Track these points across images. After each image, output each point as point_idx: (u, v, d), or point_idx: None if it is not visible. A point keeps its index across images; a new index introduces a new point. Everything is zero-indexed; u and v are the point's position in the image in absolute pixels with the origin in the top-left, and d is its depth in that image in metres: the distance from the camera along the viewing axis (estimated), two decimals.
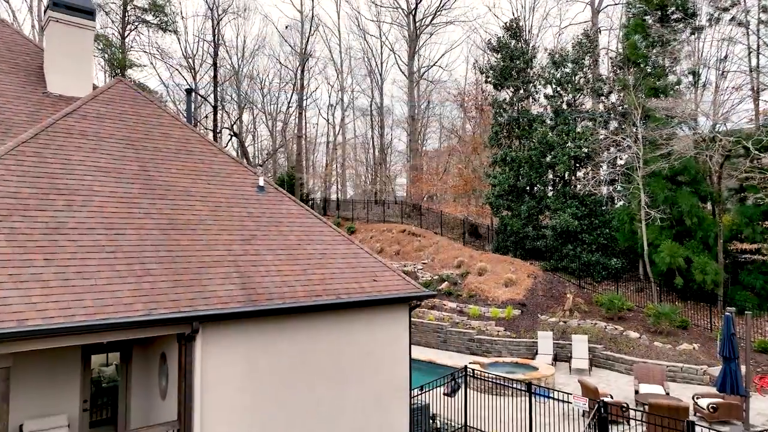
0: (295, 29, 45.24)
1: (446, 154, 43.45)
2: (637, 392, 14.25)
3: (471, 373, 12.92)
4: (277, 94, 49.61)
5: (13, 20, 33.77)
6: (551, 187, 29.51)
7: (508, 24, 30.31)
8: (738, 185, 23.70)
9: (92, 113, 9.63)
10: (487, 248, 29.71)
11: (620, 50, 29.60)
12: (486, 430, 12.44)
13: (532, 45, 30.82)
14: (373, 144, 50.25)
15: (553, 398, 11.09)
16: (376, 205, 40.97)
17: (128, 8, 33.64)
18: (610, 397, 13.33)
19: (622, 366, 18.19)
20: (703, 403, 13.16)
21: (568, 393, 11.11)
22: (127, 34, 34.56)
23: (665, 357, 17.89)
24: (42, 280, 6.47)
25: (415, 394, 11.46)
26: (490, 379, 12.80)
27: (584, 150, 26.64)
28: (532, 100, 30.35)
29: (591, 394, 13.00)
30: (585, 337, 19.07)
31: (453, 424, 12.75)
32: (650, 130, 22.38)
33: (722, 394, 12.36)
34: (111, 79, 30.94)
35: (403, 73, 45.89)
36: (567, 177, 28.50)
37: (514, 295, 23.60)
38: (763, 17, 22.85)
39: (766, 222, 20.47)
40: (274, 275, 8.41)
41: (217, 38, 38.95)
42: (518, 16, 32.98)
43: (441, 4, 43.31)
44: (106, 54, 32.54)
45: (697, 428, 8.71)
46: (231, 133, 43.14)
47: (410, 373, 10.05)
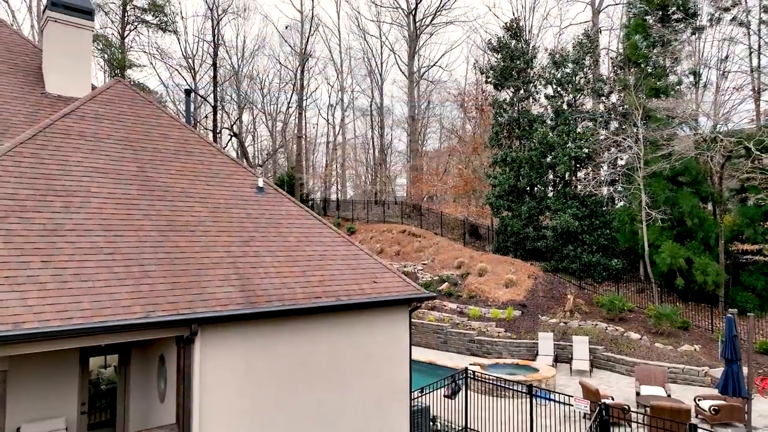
0: (295, 29, 45.27)
1: (446, 155, 43.40)
2: (638, 394, 14.21)
3: (471, 375, 12.86)
4: (277, 94, 49.71)
5: (12, 20, 33.74)
6: (552, 188, 29.44)
7: (508, 24, 30.26)
8: (739, 186, 23.68)
9: (90, 114, 9.57)
10: (488, 249, 29.66)
11: (621, 50, 29.57)
12: None
13: (532, 45, 30.73)
14: (373, 144, 50.26)
15: (554, 400, 11.04)
16: (376, 205, 40.92)
17: (128, 8, 33.61)
18: (611, 399, 13.27)
19: (623, 367, 18.13)
20: (704, 405, 13.10)
21: (569, 395, 11.06)
22: (127, 34, 34.53)
23: (666, 358, 17.84)
24: (39, 283, 6.41)
25: (416, 396, 11.40)
26: (490, 380, 12.75)
27: (585, 150, 26.61)
28: (532, 101, 30.31)
29: (592, 396, 12.95)
30: (586, 338, 19.02)
31: (454, 426, 12.70)
32: (651, 131, 22.34)
33: (724, 396, 12.31)
34: (110, 79, 30.88)
35: (403, 73, 45.87)
36: (567, 177, 28.44)
37: (514, 295, 23.54)
38: (764, 17, 22.83)
39: (767, 223, 20.44)
40: (274, 277, 8.34)
41: (216, 38, 38.93)
42: (518, 16, 33.00)
43: (441, 4, 43.32)
44: (105, 54, 32.52)
45: (699, 431, 8.65)
46: (231, 133, 43.09)
47: (410, 375, 9.99)
